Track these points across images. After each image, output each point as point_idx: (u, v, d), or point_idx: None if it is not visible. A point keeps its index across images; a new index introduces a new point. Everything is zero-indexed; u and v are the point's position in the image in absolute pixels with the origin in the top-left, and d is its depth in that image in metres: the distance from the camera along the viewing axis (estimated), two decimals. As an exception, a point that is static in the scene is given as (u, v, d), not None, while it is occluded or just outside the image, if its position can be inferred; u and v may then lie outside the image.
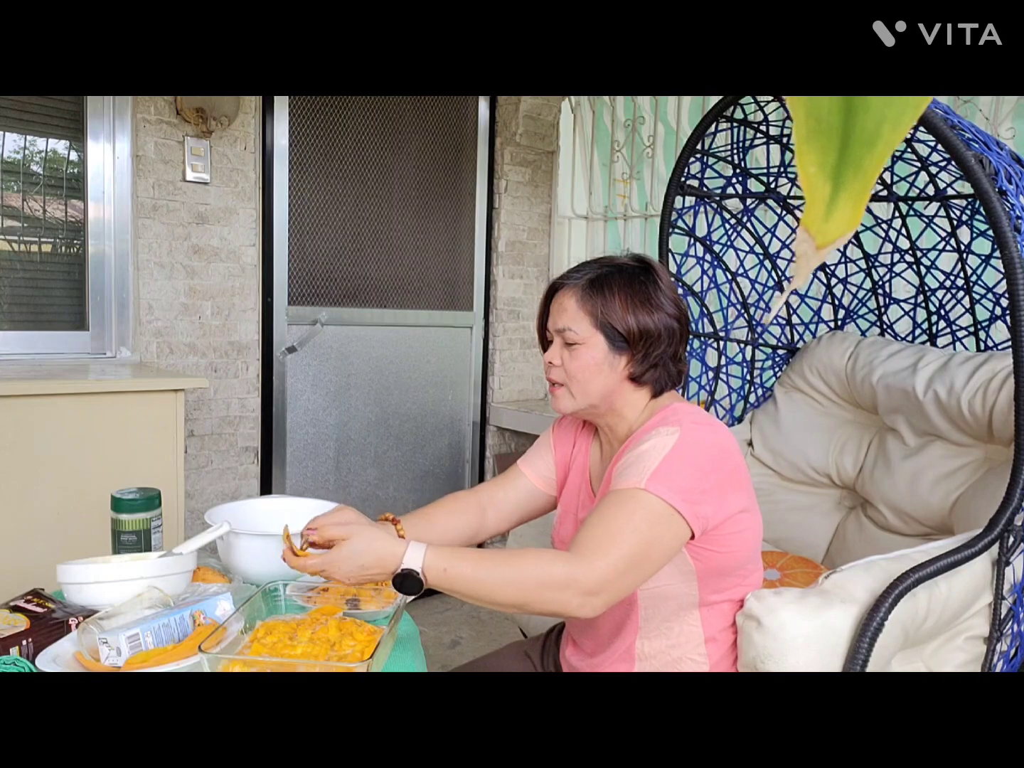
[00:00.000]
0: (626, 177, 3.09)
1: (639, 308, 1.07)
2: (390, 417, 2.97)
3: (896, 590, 1.05)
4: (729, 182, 1.98)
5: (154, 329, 2.35)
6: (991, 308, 1.77)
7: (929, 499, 1.61)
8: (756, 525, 1.10)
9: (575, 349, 1.09)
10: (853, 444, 1.86)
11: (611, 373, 1.09)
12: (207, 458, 2.50)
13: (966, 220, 1.75)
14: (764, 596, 1.06)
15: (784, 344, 2.14)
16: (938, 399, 1.61)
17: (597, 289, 1.08)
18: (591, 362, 1.08)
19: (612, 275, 1.09)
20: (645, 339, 1.07)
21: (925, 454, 1.66)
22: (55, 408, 1.76)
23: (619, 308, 1.07)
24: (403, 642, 1.12)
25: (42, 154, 2.26)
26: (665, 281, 1.11)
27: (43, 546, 1.72)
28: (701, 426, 1.04)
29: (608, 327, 1.07)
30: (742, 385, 2.17)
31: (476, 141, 3.10)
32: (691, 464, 1.00)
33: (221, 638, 0.98)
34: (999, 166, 1.18)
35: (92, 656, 0.96)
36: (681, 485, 0.98)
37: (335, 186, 2.74)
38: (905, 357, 1.74)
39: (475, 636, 2.70)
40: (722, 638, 1.12)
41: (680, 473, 0.99)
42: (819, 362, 1.93)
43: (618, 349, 1.08)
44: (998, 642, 1.24)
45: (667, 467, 0.99)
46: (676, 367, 1.12)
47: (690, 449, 1.01)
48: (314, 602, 1.15)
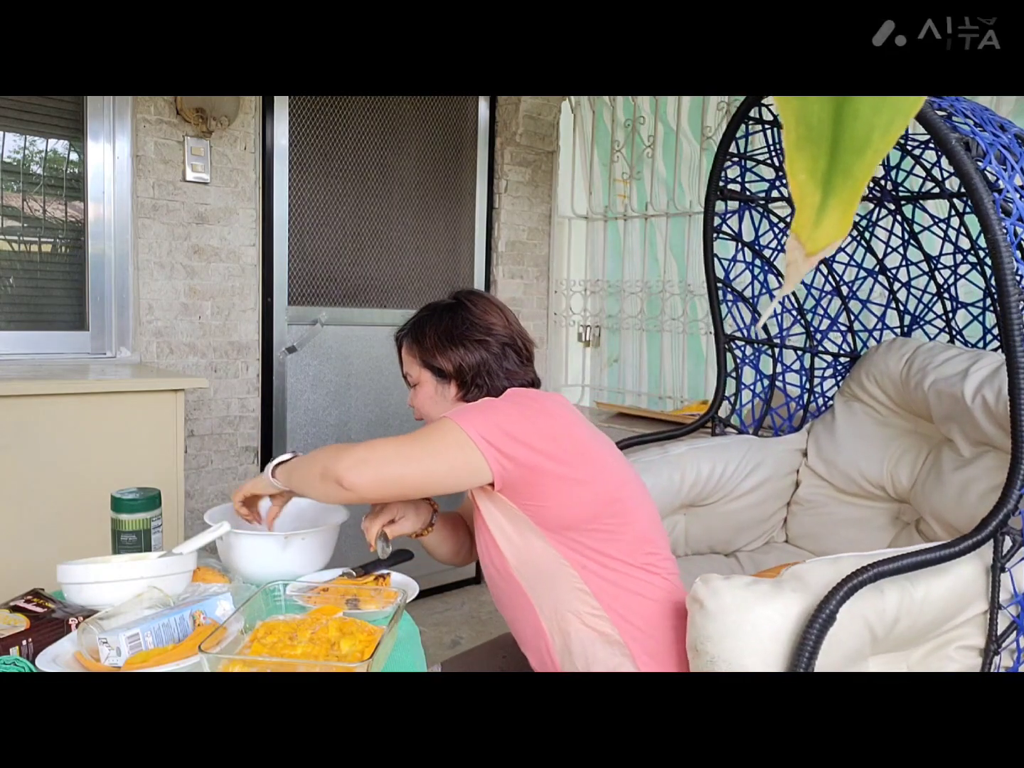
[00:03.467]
0: (626, 177, 3.09)
1: (448, 346, 1.21)
2: (390, 417, 2.97)
3: (851, 583, 1.01)
4: (773, 185, 1.93)
5: (154, 329, 2.35)
6: None
7: (977, 512, 1.45)
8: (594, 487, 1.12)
9: (416, 389, 1.27)
10: (911, 456, 1.77)
11: (443, 400, 1.24)
12: (207, 458, 2.50)
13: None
14: (710, 579, 1.05)
15: (846, 352, 2.06)
16: (986, 404, 1.52)
17: (415, 337, 1.26)
18: (427, 397, 1.25)
19: (425, 320, 1.25)
20: (460, 371, 1.21)
21: (977, 464, 1.57)
22: (55, 408, 1.76)
23: (432, 349, 1.23)
24: (403, 642, 1.12)
25: (42, 154, 2.26)
26: (479, 308, 1.24)
27: (43, 546, 1.72)
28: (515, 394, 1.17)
29: (430, 366, 1.24)
30: (801, 394, 2.09)
31: (476, 141, 3.10)
32: (495, 412, 1.09)
33: (221, 638, 0.97)
34: (989, 148, 1.15)
35: (92, 656, 0.96)
36: (480, 423, 1.06)
37: (335, 186, 2.74)
38: (959, 362, 1.64)
39: (475, 636, 2.70)
40: (628, 598, 1.13)
41: (482, 415, 1.08)
42: (876, 369, 1.84)
43: (444, 380, 1.23)
44: (996, 656, 1.18)
45: (471, 408, 1.11)
46: (512, 383, 1.23)
47: (497, 403, 1.13)
48: (314, 602, 1.15)
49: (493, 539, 1.15)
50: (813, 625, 0.98)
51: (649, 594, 1.15)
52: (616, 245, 3.19)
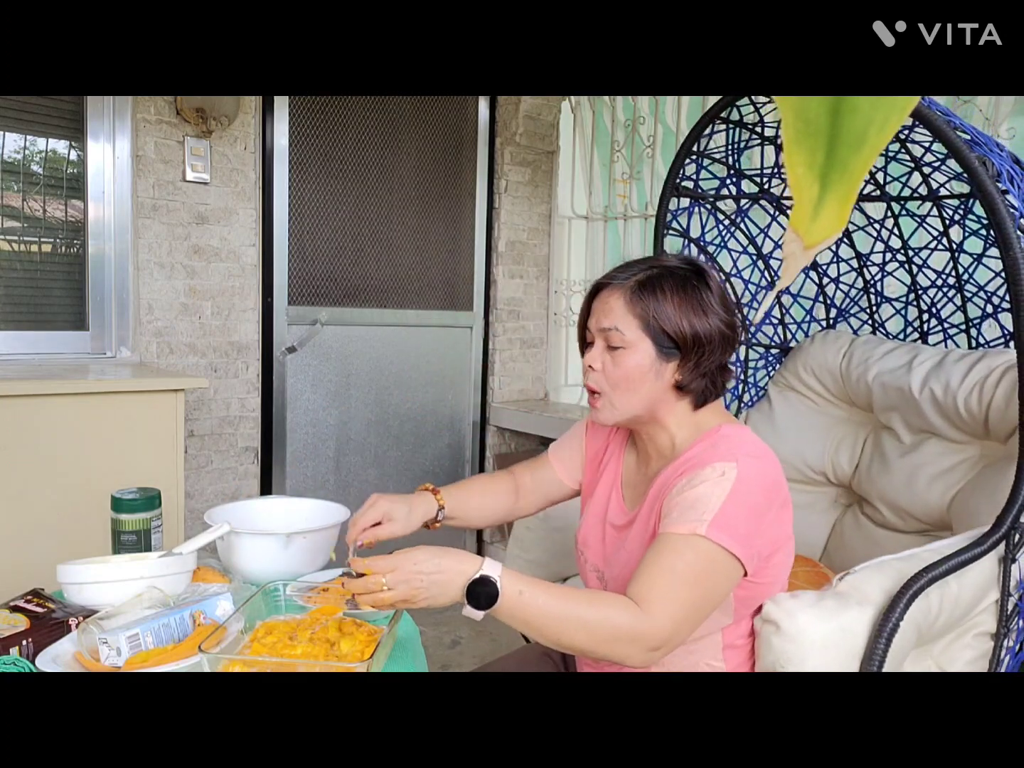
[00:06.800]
0: (626, 177, 3.09)
1: (693, 313, 1.01)
2: (390, 417, 2.97)
3: (911, 590, 1.05)
4: (723, 183, 1.98)
5: (154, 329, 2.35)
6: (982, 306, 1.78)
7: (927, 496, 1.62)
8: (793, 547, 1.09)
9: (619, 353, 1.03)
10: (848, 442, 1.87)
11: (657, 381, 1.03)
12: (207, 458, 2.50)
13: (958, 220, 1.77)
14: (782, 600, 1.05)
15: (777, 344, 2.15)
16: (934, 397, 1.61)
17: (648, 291, 1.02)
18: (636, 369, 1.03)
19: (663, 277, 1.03)
20: (698, 346, 1.02)
21: (921, 451, 1.67)
22: (55, 408, 1.76)
23: (672, 312, 1.01)
24: (403, 642, 1.12)
25: (42, 154, 2.26)
26: (716, 286, 1.05)
27: (43, 546, 1.72)
28: (757, 460, 1.00)
29: (658, 331, 1.01)
30: (736, 385, 2.17)
31: (476, 141, 3.10)
32: (749, 506, 0.96)
33: (221, 638, 0.97)
34: (1001, 168, 1.18)
35: (92, 656, 0.96)
36: (740, 530, 0.95)
37: (335, 186, 2.74)
38: (900, 355, 1.75)
39: (475, 636, 2.70)
40: (740, 643, 1.10)
41: (739, 516, 0.95)
42: (813, 361, 1.93)
43: (667, 355, 1.02)
44: (1005, 638, 1.25)
45: (726, 512, 0.94)
46: (722, 377, 1.07)
47: (748, 488, 0.96)
48: (314, 602, 1.15)
49: None
50: (881, 636, 1.02)
51: None
52: (616, 245, 3.19)
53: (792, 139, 0.33)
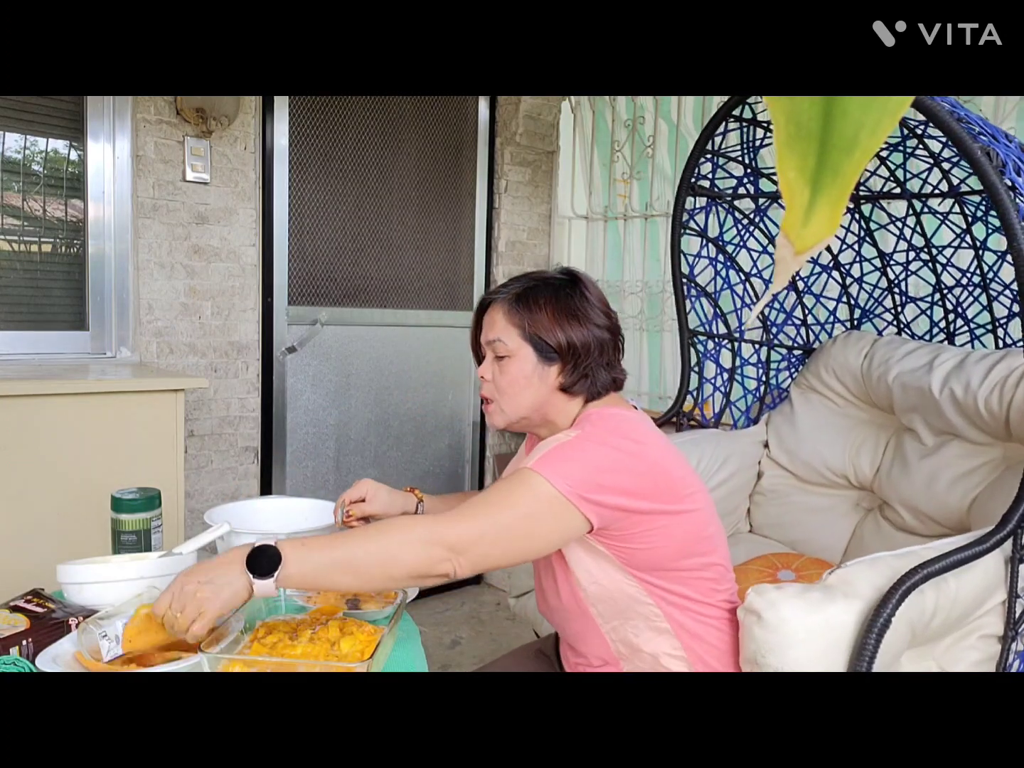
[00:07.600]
0: (626, 177, 3.09)
1: (567, 321, 1.08)
2: (390, 417, 2.97)
3: (903, 586, 1.03)
4: (740, 182, 1.96)
5: (154, 329, 2.35)
6: (1009, 305, 1.74)
7: (947, 499, 1.58)
8: (684, 524, 1.07)
9: (505, 362, 1.11)
10: (870, 444, 1.84)
11: (541, 385, 1.10)
12: (207, 458, 2.50)
13: (981, 216, 1.73)
14: (765, 590, 1.05)
15: (800, 344, 2.12)
16: (954, 397, 1.58)
17: (524, 302, 1.10)
18: (520, 374, 1.10)
19: (539, 288, 1.11)
20: (573, 351, 1.08)
21: (942, 453, 1.64)
22: (55, 408, 1.76)
23: (547, 320, 1.08)
24: (403, 642, 1.12)
25: (42, 154, 2.26)
26: (594, 293, 1.13)
27: (43, 546, 1.72)
28: (603, 421, 1.06)
29: (536, 339, 1.09)
30: (757, 386, 2.14)
31: (476, 141, 3.10)
32: (586, 458, 1.00)
33: (221, 638, 0.98)
34: (1007, 158, 1.17)
35: (92, 656, 0.96)
36: (572, 474, 0.98)
37: (335, 186, 2.74)
38: (921, 356, 1.72)
39: (475, 636, 2.70)
40: (705, 634, 1.10)
41: (572, 463, 0.99)
42: (835, 362, 1.91)
43: (548, 360, 1.09)
44: (1013, 641, 1.23)
45: (559, 455, 1.00)
46: (611, 375, 1.13)
47: (587, 444, 1.01)
48: (314, 602, 1.15)
49: (570, 571, 1.09)
50: (872, 631, 1.00)
51: (726, 629, 1.12)
52: (616, 245, 3.19)
53: (783, 143, 0.33)
